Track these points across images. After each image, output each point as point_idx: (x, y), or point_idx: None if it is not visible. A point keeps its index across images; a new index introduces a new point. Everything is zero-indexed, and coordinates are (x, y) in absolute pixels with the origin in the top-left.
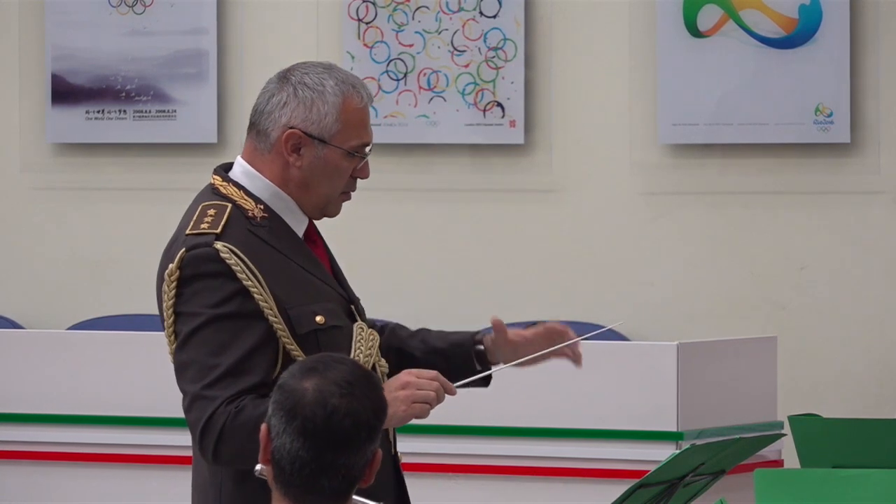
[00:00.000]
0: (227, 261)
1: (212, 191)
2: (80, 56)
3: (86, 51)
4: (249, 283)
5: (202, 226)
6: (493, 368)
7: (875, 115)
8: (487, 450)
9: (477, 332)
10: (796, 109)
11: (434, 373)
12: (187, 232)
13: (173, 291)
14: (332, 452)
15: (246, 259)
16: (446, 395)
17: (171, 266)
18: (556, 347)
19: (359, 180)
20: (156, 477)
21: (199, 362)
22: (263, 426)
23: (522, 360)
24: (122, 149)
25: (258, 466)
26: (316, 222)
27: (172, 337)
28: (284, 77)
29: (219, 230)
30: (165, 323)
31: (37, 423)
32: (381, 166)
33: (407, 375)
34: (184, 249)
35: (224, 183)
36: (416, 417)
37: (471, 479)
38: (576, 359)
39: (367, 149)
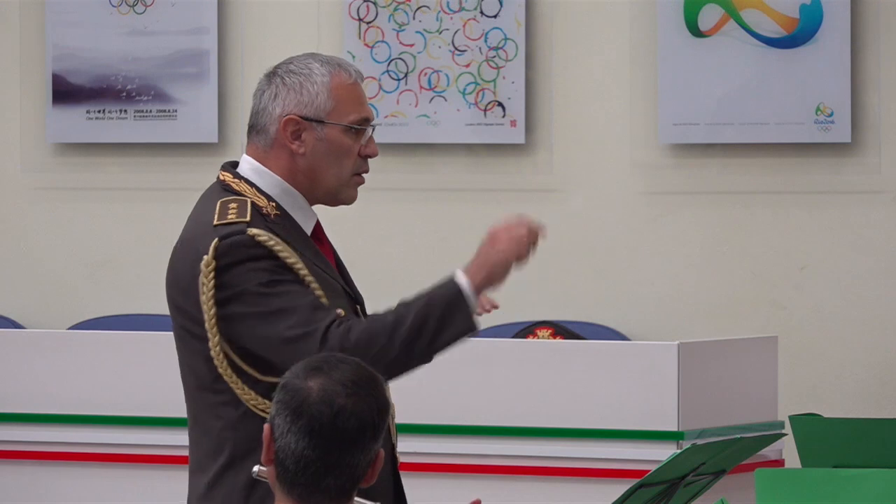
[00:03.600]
0: (267, 242)
1: (223, 188)
2: (81, 56)
3: (86, 50)
4: (293, 259)
5: (229, 216)
6: None
7: (876, 114)
8: (487, 450)
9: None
10: (797, 109)
11: (517, 216)
12: (216, 223)
13: (212, 283)
14: (338, 451)
15: (282, 240)
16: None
17: (206, 257)
18: None
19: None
20: (156, 477)
21: (274, 321)
22: (266, 426)
23: None
24: (122, 149)
25: (256, 468)
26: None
27: (215, 329)
28: (271, 73)
29: (248, 219)
30: (206, 316)
31: (37, 423)
32: (381, 166)
33: (492, 230)
34: (217, 239)
35: (236, 180)
36: (519, 257)
37: (471, 479)
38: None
39: (370, 126)
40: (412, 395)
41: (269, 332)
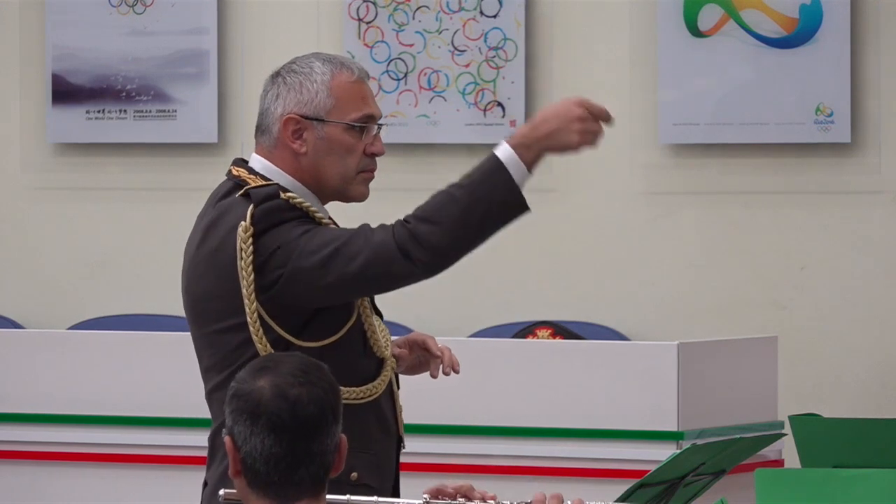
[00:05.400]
0: (302, 204)
1: (237, 184)
2: (81, 56)
3: (86, 50)
4: (327, 221)
5: (261, 185)
6: None
7: (875, 114)
8: (488, 450)
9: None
10: (797, 109)
11: (603, 108)
12: (248, 188)
13: (251, 248)
14: (305, 441)
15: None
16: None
17: (243, 223)
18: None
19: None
20: (156, 477)
21: (326, 243)
22: (227, 438)
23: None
24: (122, 149)
25: (222, 491)
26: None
27: (252, 297)
28: (275, 73)
29: (277, 182)
30: (244, 283)
31: (37, 423)
32: (381, 166)
33: (578, 108)
34: (252, 206)
35: (251, 176)
36: (586, 146)
37: (471, 480)
38: (446, 368)
39: (375, 123)
40: (412, 395)
41: (315, 251)
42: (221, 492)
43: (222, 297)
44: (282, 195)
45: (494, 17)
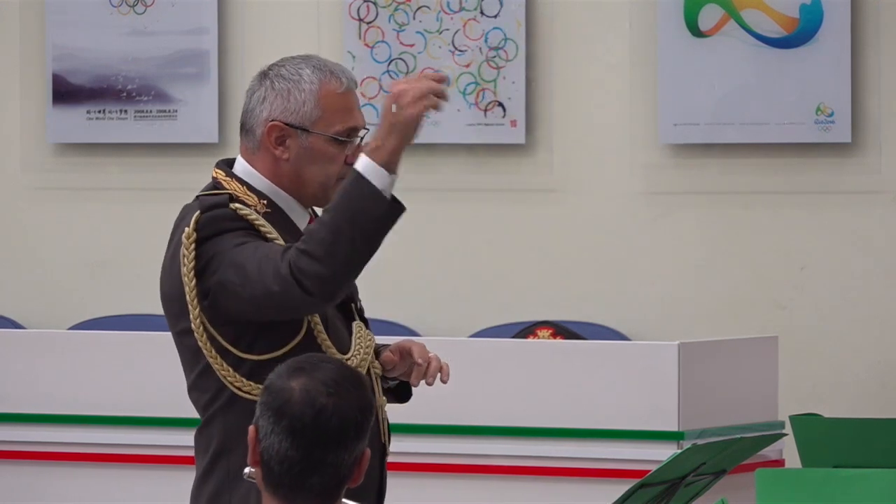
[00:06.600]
0: (248, 216)
1: (215, 185)
2: (81, 56)
3: (86, 51)
4: (273, 235)
5: (213, 192)
6: None
7: (876, 114)
8: (487, 450)
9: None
10: (797, 109)
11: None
12: (200, 194)
13: (192, 254)
14: (321, 451)
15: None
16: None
17: (187, 229)
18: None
19: None
20: (155, 477)
21: (245, 258)
22: (252, 427)
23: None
24: (122, 149)
25: (247, 469)
26: None
27: (195, 301)
28: (264, 73)
29: (231, 193)
30: (187, 289)
31: (37, 423)
32: None
33: (395, 86)
34: (199, 212)
35: (227, 178)
36: (432, 109)
37: (471, 479)
38: (429, 377)
39: (360, 134)
40: (412, 395)
41: (241, 265)
42: (246, 470)
43: (178, 300)
44: (231, 205)
45: (495, 17)
